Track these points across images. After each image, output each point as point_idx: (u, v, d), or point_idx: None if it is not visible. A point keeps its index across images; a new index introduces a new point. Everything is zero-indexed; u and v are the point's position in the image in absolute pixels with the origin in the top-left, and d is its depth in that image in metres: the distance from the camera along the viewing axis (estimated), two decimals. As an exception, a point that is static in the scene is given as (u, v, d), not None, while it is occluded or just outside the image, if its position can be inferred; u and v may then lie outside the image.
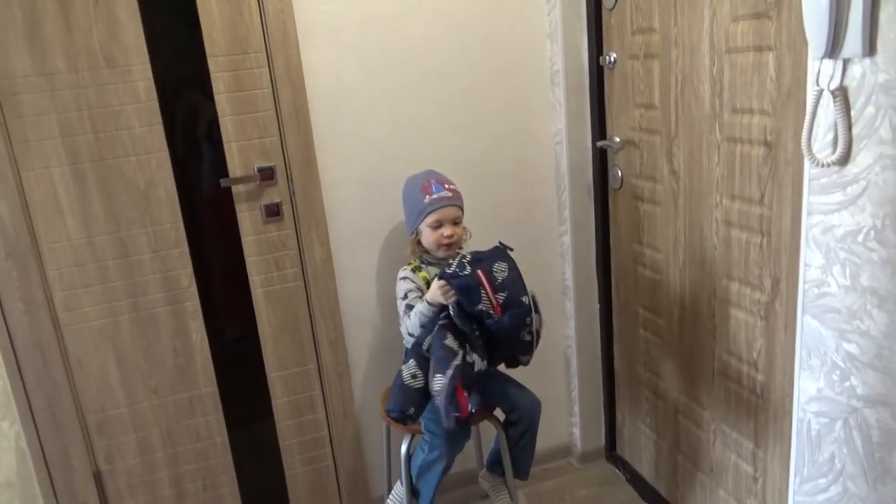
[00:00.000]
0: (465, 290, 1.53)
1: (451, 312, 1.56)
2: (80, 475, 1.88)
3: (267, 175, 1.87)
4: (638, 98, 1.85)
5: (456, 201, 1.72)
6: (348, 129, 1.91)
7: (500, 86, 2.02)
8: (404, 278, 1.73)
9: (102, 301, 1.81)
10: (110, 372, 1.86)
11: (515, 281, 1.56)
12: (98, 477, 1.90)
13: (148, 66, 1.73)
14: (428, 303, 1.62)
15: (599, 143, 2.04)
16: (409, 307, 1.67)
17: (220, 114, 1.81)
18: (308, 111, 1.85)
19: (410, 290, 1.71)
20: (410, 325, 1.65)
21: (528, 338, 1.58)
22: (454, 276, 1.54)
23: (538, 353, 2.20)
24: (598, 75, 2.00)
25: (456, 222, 1.72)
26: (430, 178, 1.73)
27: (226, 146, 1.83)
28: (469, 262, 1.55)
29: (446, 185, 1.72)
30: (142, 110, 1.75)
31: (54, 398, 1.81)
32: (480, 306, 1.52)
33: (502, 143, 2.06)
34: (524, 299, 1.55)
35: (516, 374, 1.84)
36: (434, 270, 1.72)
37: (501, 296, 1.52)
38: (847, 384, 1.17)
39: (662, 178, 1.80)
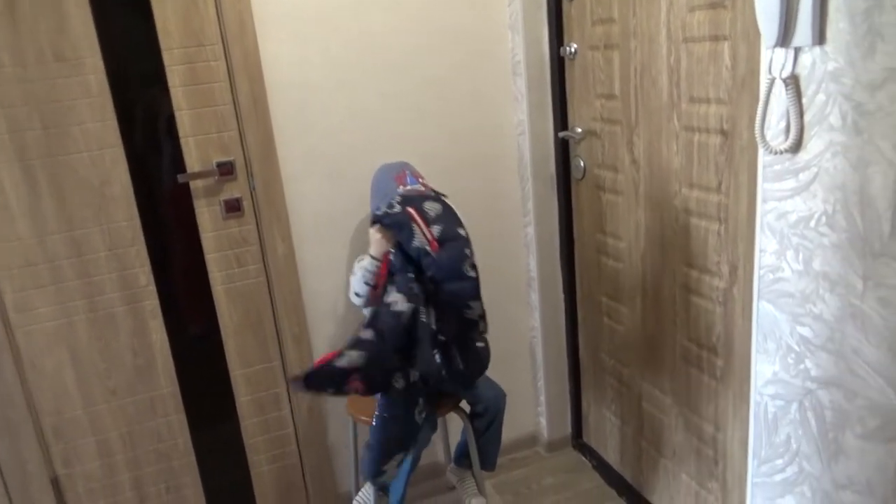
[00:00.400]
0: (398, 226, 1.50)
1: (393, 259, 1.52)
2: (37, 480, 1.82)
3: (226, 170, 1.83)
4: (598, 88, 1.86)
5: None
6: (310, 121, 1.88)
7: (462, 77, 2.01)
8: (360, 259, 1.71)
9: (56, 302, 1.76)
10: (66, 374, 1.81)
11: (449, 215, 1.53)
12: (56, 482, 1.85)
13: (99, 60, 1.68)
14: (372, 257, 1.61)
15: (561, 134, 2.05)
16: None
17: (176, 108, 1.76)
18: (267, 104, 1.82)
19: (369, 272, 1.67)
20: (355, 282, 1.64)
21: (472, 273, 1.52)
22: (385, 215, 1.52)
23: (504, 344, 2.22)
24: (559, 66, 2.01)
25: None
26: (406, 170, 1.71)
27: (183, 141, 1.79)
28: (398, 202, 1.52)
29: (420, 179, 1.70)
30: (94, 105, 1.70)
31: (7, 401, 1.75)
32: (416, 242, 1.48)
33: (465, 135, 2.06)
34: (460, 231, 1.51)
35: (482, 365, 1.84)
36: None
37: (436, 228, 1.49)
38: (801, 367, 1.19)
39: (623, 167, 1.81)
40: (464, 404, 1.82)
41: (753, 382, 1.32)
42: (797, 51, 1.08)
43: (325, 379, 1.47)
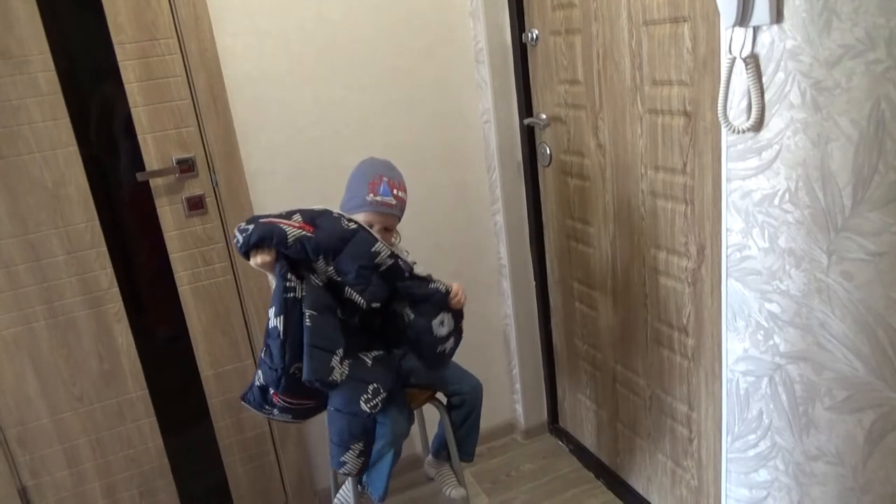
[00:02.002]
0: (263, 238, 1.37)
1: (285, 277, 1.41)
2: (3, 492, 1.77)
3: (186, 167, 1.79)
4: (562, 74, 1.86)
5: (396, 211, 1.61)
6: (272, 116, 1.84)
7: (425, 66, 1.99)
8: None
9: (13, 308, 1.70)
10: (28, 382, 1.75)
11: (304, 209, 1.45)
12: (23, 493, 1.80)
13: (48, 57, 1.62)
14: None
15: (527, 121, 2.04)
16: None
17: (132, 104, 1.71)
18: (227, 99, 1.78)
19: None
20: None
21: (353, 225, 1.44)
22: (246, 241, 1.37)
23: (478, 333, 2.22)
24: (521, 53, 2.00)
25: (388, 229, 1.62)
26: (383, 176, 1.60)
27: (140, 138, 1.74)
28: (245, 221, 1.40)
29: (395, 191, 1.59)
30: (44, 104, 1.64)
31: (-32, 415, 1.70)
32: (289, 237, 1.37)
33: (431, 125, 2.04)
34: (325, 207, 1.43)
35: (458, 357, 1.84)
36: None
37: (297, 217, 1.40)
38: (771, 343, 1.21)
39: (589, 152, 1.82)
40: (441, 396, 1.81)
41: (724, 360, 1.33)
42: (756, 30, 1.08)
43: (256, 400, 1.54)
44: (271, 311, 1.44)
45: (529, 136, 2.08)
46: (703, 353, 1.57)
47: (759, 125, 1.12)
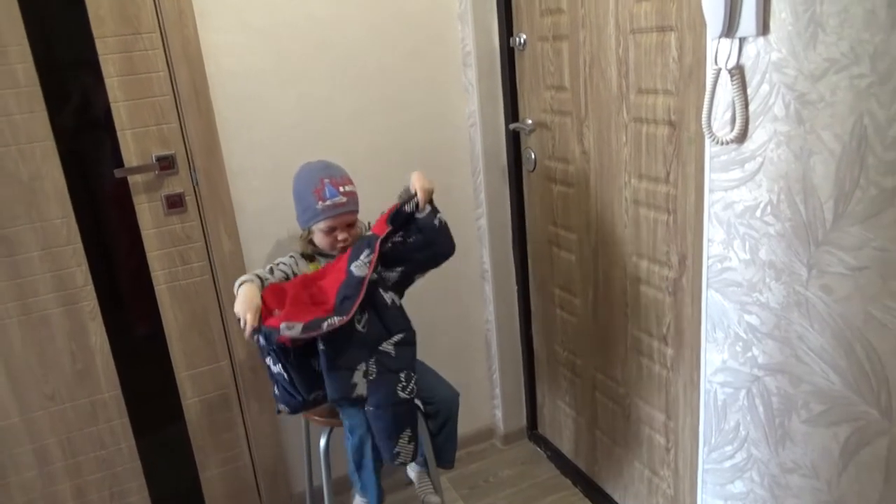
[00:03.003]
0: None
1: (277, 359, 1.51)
2: (-31, 493, 1.73)
3: (167, 164, 1.76)
4: (548, 80, 1.85)
5: (351, 206, 1.62)
6: (256, 114, 1.82)
7: (412, 67, 1.98)
8: (293, 257, 1.68)
9: (-15, 304, 1.67)
10: (-2, 380, 1.72)
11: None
12: (-10, 494, 1.76)
13: (27, 48, 1.59)
14: (238, 285, 1.56)
15: (512, 126, 2.04)
16: (264, 275, 1.60)
17: (112, 99, 1.68)
18: (209, 96, 1.75)
19: (282, 264, 1.65)
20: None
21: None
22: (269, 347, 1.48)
23: (459, 337, 2.21)
24: (509, 57, 2.00)
25: (350, 225, 1.64)
26: (324, 179, 1.60)
27: (120, 134, 1.71)
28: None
29: (341, 188, 1.60)
30: (21, 96, 1.61)
31: (-66, 412, 1.66)
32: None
33: (417, 127, 2.03)
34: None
35: (437, 364, 1.83)
36: (325, 262, 1.67)
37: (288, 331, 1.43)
38: (749, 354, 1.21)
39: (574, 159, 1.81)
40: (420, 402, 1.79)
41: (703, 371, 1.33)
42: (742, 41, 1.08)
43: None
44: (269, 359, 1.52)
45: (515, 141, 2.07)
46: (682, 363, 1.57)
47: (742, 137, 1.12)
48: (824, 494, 1.12)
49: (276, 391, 1.57)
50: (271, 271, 1.62)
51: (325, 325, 1.42)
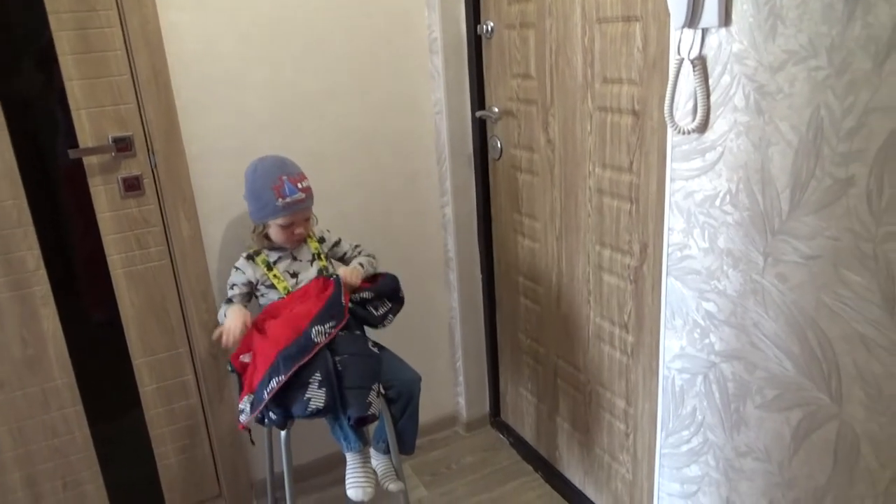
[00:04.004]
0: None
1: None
2: (-87, 484, 1.67)
3: (124, 146, 1.71)
4: (515, 68, 1.85)
5: (309, 202, 1.68)
6: (218, 97, 1.78)
7: (379, 53, 1.96)
8: (237, 268, 1.72)
9: (-70, 288, 1.60)
10: (-56, 367, 1.66)
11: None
12: (-65, 484, 1.70)
13: (-26, 21, 1.53)
14: (225, 314, 1.67)
15: (478, 114, 2.04)
16: (230, 300, 1.71)
17: (66, 77, 1.63)
18: (169, 77, 1.70)
19: (236, 285, 1.71)
20: (220, 319, 1.71)
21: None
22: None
23: (423, 325, 2.21)
24: (476, 44, 1.99)
25: (307, 219, 1.71)
26: (283, 176, 1.63)
27: (74, 113, 1.65)
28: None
29: (299, 185, 1.64)
30: (-31, 71, 1.54)
31: None
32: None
33: (383, 113, 2.01)
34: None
35: (400, 351, 1.82)
36: (275, 255, 1.72)
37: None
38: (707, 341, 1.23)
39: (539, 148, 1.82)
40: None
41: (662, 357, 1.36)
42: (704, 32, 1.10)
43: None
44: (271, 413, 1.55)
45: (481, 129, 2.07)
46: (642, 349, 1.59)
47: (703, 127, 1.14)
48: (776, 477, 1.15)
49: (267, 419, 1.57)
50: (229, 301, 1.72)
51: (265, 393, 1.50)
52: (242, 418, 1.56)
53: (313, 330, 1.53)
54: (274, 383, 1.49)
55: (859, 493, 1.02)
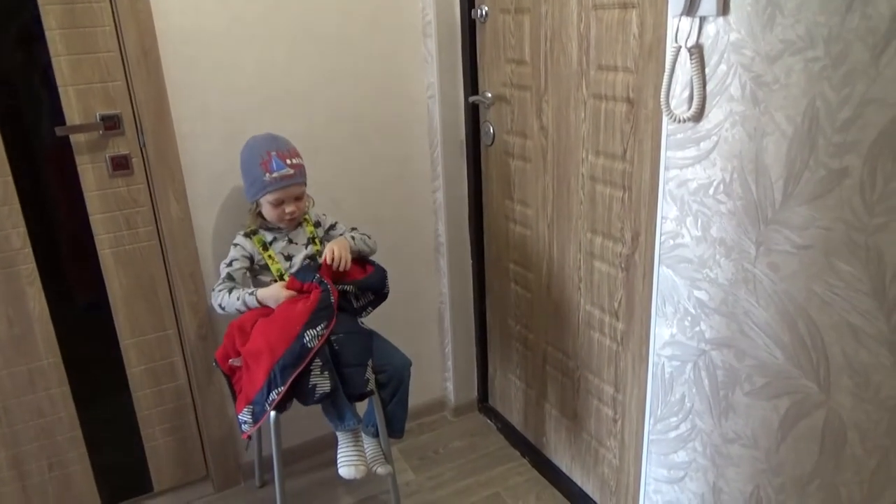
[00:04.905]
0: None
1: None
2: None
3: (112, 124, 1.69)
4: (509, 53, 1.84)
5: (298, 179, 1.66)
6: (209, 77, 1.76)
7: (372, 36, 1.94)
8: (236, 244, 1.71)
9: (-87, 265, 1.58)
10: (-72, 346, 1.64)
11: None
12: (-81, 464, 1.69)
13: (-42, -7, 1.49)
14: (258, 301, 1.63)
15: (471, 99, 2.02)
16: (231, 277, 1.68)
17: (52, 53, 1.60)
18: (158, 55, 1.68)
19: (237, 259, 1.70)
20: (228, 303, 1.66)
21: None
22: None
23: (413, 310, 2.21)
24: (470, 29, 1.98)
25: (298, 197, 1.68)
26: (271, 151, 1.63)
27: (61, 90, 1.63)
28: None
29: (288, 161, 1.63)
30: (-47, 44, 1.51)
31: None
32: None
33: (375, 97, 1.99)
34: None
35: (390, 335, 1.82)
36: (271, 235, 1.72)
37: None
38: (697, 329, 1.24)
39: (532, 134, 1.82)
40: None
41: (652, 344, 1.37)
42: (702, 20, 1.09)
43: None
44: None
45: (474, 115, 2.06)
46: (632, 337, 1.60)
47: (699, 115, 1.14)
48: (762, 463, 1.17)
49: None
50: (230, 277, 1.69)
51: (267, 405, 1.51)
52: (245, 428, 1.57)
53: (306, 335, 1.52)
54: (274, 395, 1.50)
55: (845, 480, 1.04)
